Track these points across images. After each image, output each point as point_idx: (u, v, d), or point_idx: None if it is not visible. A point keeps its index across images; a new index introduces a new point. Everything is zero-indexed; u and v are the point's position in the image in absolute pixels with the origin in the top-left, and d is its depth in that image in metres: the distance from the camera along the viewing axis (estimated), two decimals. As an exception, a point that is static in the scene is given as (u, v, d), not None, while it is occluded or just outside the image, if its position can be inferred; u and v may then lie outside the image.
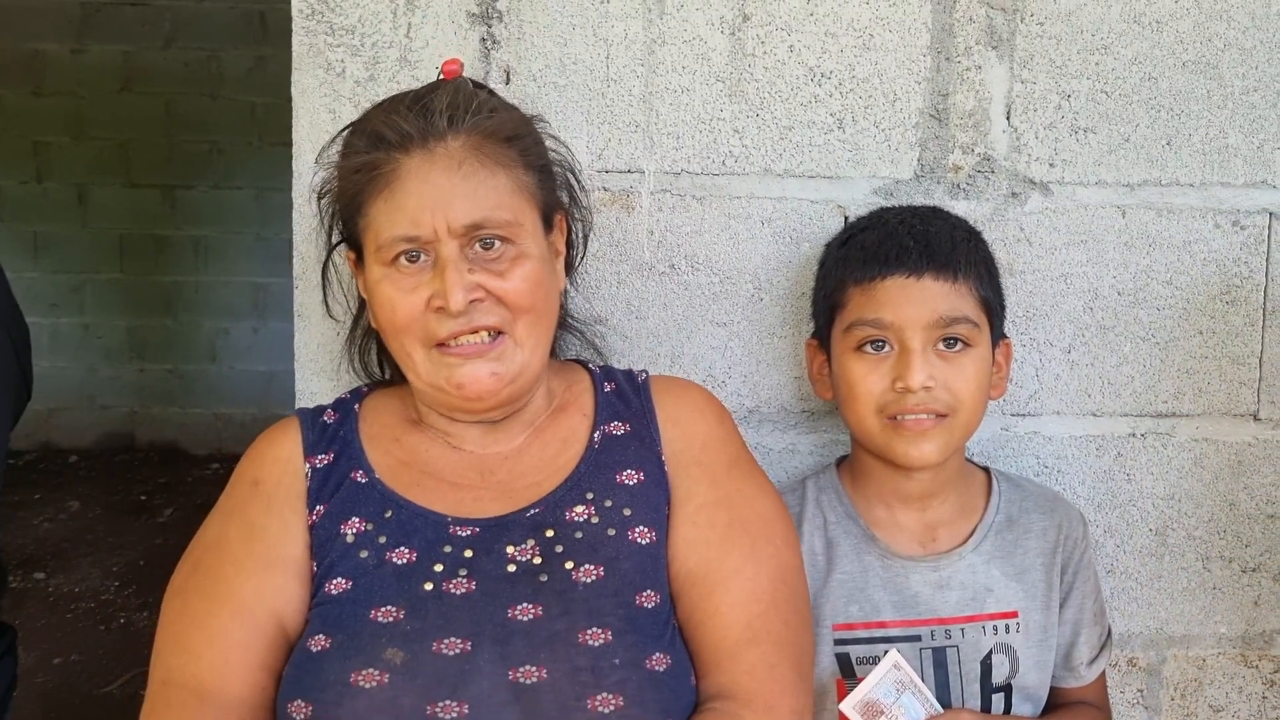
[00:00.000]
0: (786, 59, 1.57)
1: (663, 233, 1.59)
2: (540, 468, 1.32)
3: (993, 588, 1.44)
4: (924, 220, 1.45)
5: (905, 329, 1.37)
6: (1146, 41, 1.59)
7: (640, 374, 1.41)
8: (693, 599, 1.25)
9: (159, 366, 5.76)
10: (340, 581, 1.23)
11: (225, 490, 1.33)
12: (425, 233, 1.23)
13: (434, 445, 1.34)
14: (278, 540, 1.26)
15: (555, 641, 1.18)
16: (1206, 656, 1.69)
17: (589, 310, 1.57)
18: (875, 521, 1.46)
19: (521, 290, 1.25)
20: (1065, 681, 1.50)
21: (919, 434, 1.38)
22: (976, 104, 1.59)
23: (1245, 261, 1.63)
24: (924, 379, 1.36)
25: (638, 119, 1.56)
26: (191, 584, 1.26)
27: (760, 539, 1.29)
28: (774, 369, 1.62)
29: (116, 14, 5.49)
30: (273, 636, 1.22)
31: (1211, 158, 1.61)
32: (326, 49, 1.53)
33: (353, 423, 1.35)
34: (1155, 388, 1.64)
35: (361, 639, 1.18)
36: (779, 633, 1.25)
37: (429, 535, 1.25)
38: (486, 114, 1.28)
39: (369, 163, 1.26)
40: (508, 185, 1.27)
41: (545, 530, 1.26)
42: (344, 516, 1.27)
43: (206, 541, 1.29)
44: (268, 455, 1.33)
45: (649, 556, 1.26)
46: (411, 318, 1.25)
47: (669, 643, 1.22)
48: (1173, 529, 1.67)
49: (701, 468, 1.32)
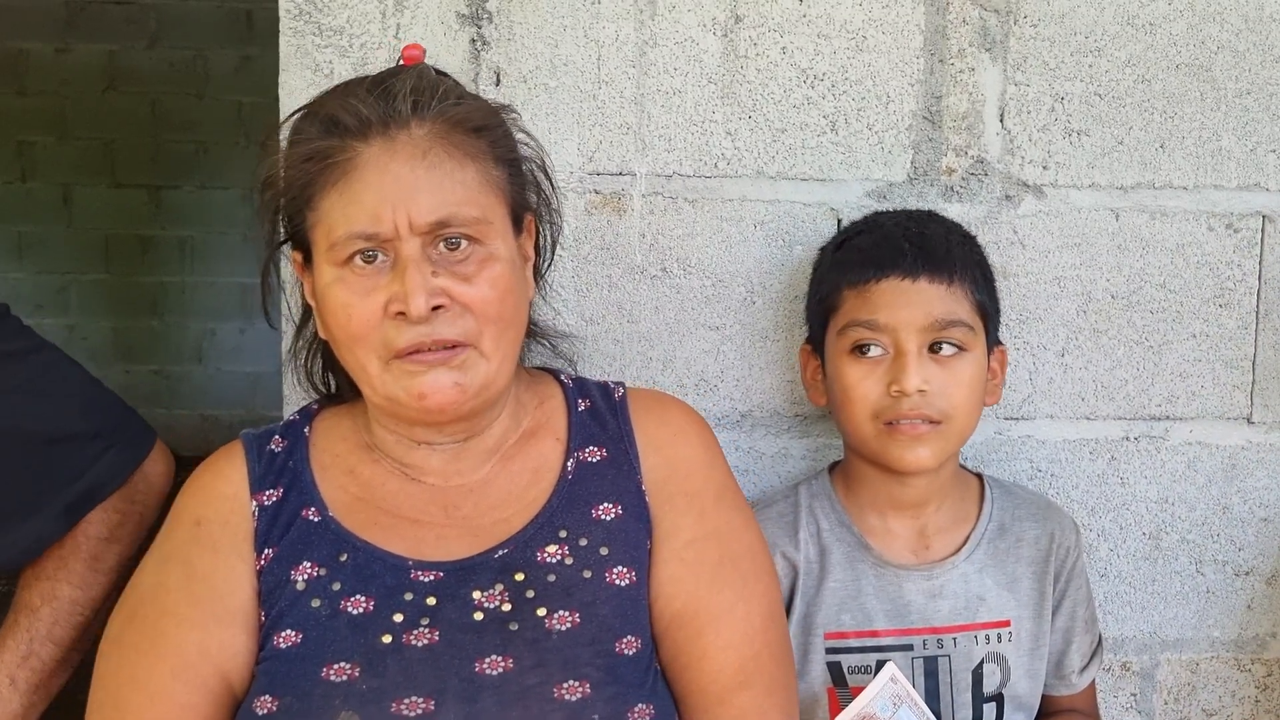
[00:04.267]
0: (779, 61, 1.55)
1: (654, 236, 1.57)
2: (509, 501, 1.21)
3: (985, 597, 1.43)
4: (919, 223, 1.44)
5: (900, 331, 1.36)
6: (1140, 44, 1.58)
7: (617, 389, 1.30)
8: (679, 641, 1.17)
9: (145, 368, 5.71)
10: (289, 634, 1.12)
11: (163, 530, 1.21)
12: (385, 229, 1.10)
13: (391, 478, 1.22)
14: (224, 589, 1.14)
15: (528, 697, 1.08)
16: (1200, 660, 1.69)
17: (578, 313, 1.56)
18: (868, 529, 1.45)
19: (489, 298, 1.13)
20: (1056, 690, 1.49)
21: (914, 439, 1.36)
22: (970, 106, 1.58)
23: (1239, 264, 1.62)
24: (919, 382, 1.35)
25: (629, 121, 1.55)
26: (128, 638, 1.14)
27: (751, 576, 1.21)
28: (766, 373, 1.61)
29: (101, 13, 5.43)
30: (218, 695, 1.11)
31: (1205, 160, 1.61)
32: (314, 50, 1.51)
33: (303, 450, 1.23)
34: (1149, 391, 1.64)
35: (311, 700, 1.07)
36: (771, 674, 1.18)
37: (388, 581, 1.14)
38: (454, 100, 1.17)
39: (321, 150, 1.13)
40: (476, 179, 1.15)
41: (515, 573, 1.15)
42: (295, 561, 1.15)
43: (143, 589, 1.17)
44: (212, 491, 1.20)
45: (629, 599, 1.16)
46: (368, 325, 1.12)
47: (651, 691, 1.13)
48: (1166, 532, 1.66)
49: (688, 498, 1.22)
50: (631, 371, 1.59)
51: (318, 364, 1.33)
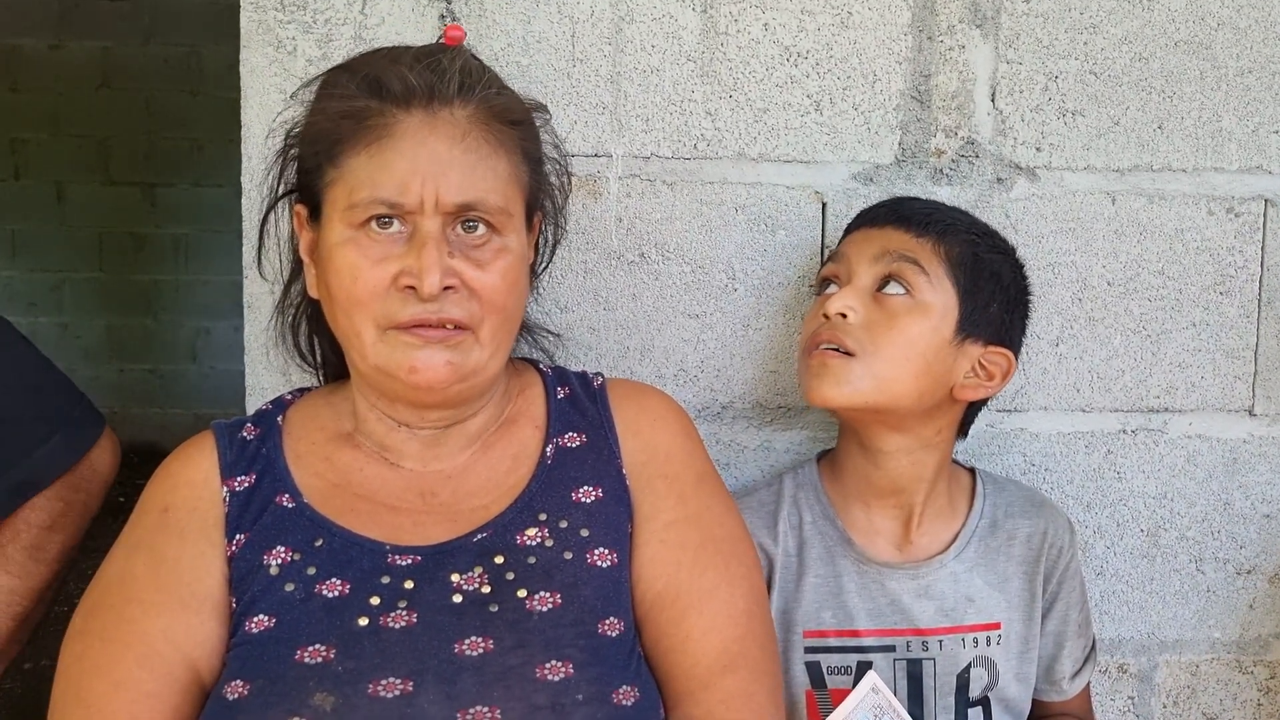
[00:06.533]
0: (761, 37, 1.50)
1: (631, 220, 1.51)
2: (488, 488, 1.20)
3: (974, 597, 1.36)
4: (936, 204, 1.40)
5: (852, 259, 1.32)
6: (1137, 20, 1.52)
7: (596, 378, 1.30)
8: (661, 624, 1.15)
9: (139, 366, 5.68)
10: (262, 619, 1.10)
11: (131, 519, 1.19)
12: (410, 201, 1.10)
13: (369, 464, 1.21)
14: (191, 575, 1.12)
15: (509, 677, 1.06)
16: (1200, 662, 1.62)
17: (553, 300, 1.50)
18: (852, 523, 1.39)
19: (499, 287, 1.14)
20: (1047, 695, 1.42)
21: (820, 365, 1.28)
22: (960, 85, 1.52)
23: (1240, 250, 1.56)
24: (840, 305, 1.28)
25: (605, 100, 1.49)
26: (93, 627, 1.11)
27: (733, 559, 1.19)
28: (748, 362, 1.55)
29: (95, 9, 5.40)
30: (185, 683, 1.09)
31: (1204, 142, 1.55)
32: (277, 26, 1.45)
33: (276, 438, 1.22)
34: (1146, 382, 1.57)
35: (285, 683, 1.05)
36: (756, 658, 1.16)
37: (364, 565, 1.13)
38: (497, 90, 1.18)
39: (360, 109, 1.12)
40: (506, 171, 1.16)
41: (494, 556, 1.14)
42: (267, 546, 1.14)
43: (110, 579, 1.15)
44: (180, 478, 1.19)
45: (611, 581, 1.15)
46: (372, 292, 1.11)
47: (635, 673, 1.11)
48: (1165, 529, 1.60)
49: (667, 481, 1.22)
50: (608, 361, 1.53)
51: (303, 326, 1.31)
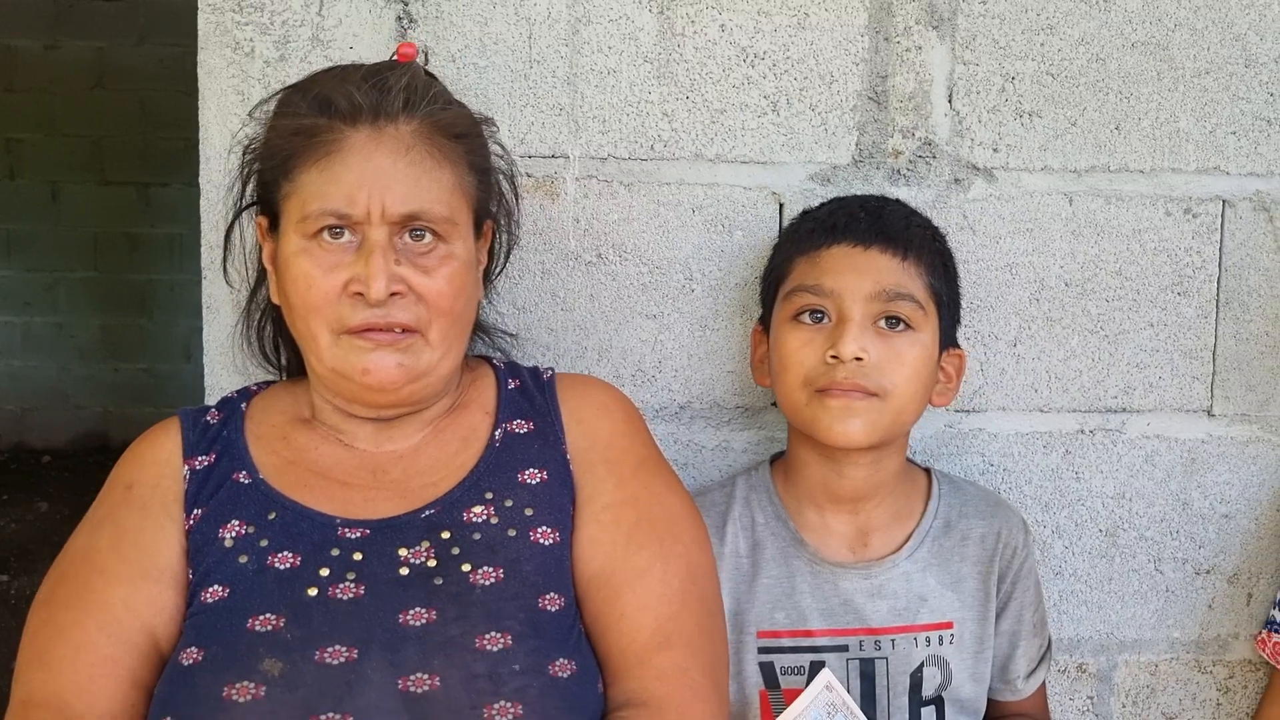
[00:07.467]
0: (718, 39, 1.50)
1: (589, 220, 1.52)
2: (437, 467, 1.25)
3: (927, 597, 1.37)
4: (880, 202, 1.41)
5: (845, 297, 1.30)
6: (1094, 21, 1.52)
7: (546, 372, 1.35)
8: (598, 602, 1.20)
9: (133, 366, 5.68)
10: (216, 589, 1.15)
11: (99, 496, 1.25)
12: (358, 212, 1.16)
13: (324, 443, 1.27)
14: (151, 547, 1.18)
15: (450, 647, 1.11)
16: (1159, 662, 1.63)
17: (510, 301, 1.51)
18: (805, 524, 1.39)
19: (444, 292, 1.20)
20: (1002, 694, 1.43)
21: (845, 408, 1.29)
22: (917, 86, 1.53)
23: (1197, 251, 1.56)
24: (856, 349, 1.28)
25: (562, 101, 1.49)
26: (58, 596, 1.17)
27: (669, 537, 1.23)
28: (706, 362, 1.55)
29: (90, 10, 5.41)
30: (144, 650, 1.14)
31: (1162, 143, 1.55)
32: (234, 27, 1.46)
33: (238, 422, 1.28)
34: (1104, 382, 1.58)
35: (237, 650, 1.10)
36: (691, 635, 1.19)
37: (315, 538, 1.18)
38: (441, 105, 1.24)
39: (310, 126, 1.19)
40: (450, 182, 1.22)
41: (441, 532, 1.19)
42: (223, 520, 1.19)
43: (75, 552, 1.20)
44: (145, 457, 1.25)
45: (552, 558, 1.20)
46: (325, 299, 1.18)
47: (574, 648, 1.16)
48: (1123, 529, 1.60)
49: (607, 466, 1.26)
50: (566, 362, 1.53)
51: (268, 329, 1.37)
